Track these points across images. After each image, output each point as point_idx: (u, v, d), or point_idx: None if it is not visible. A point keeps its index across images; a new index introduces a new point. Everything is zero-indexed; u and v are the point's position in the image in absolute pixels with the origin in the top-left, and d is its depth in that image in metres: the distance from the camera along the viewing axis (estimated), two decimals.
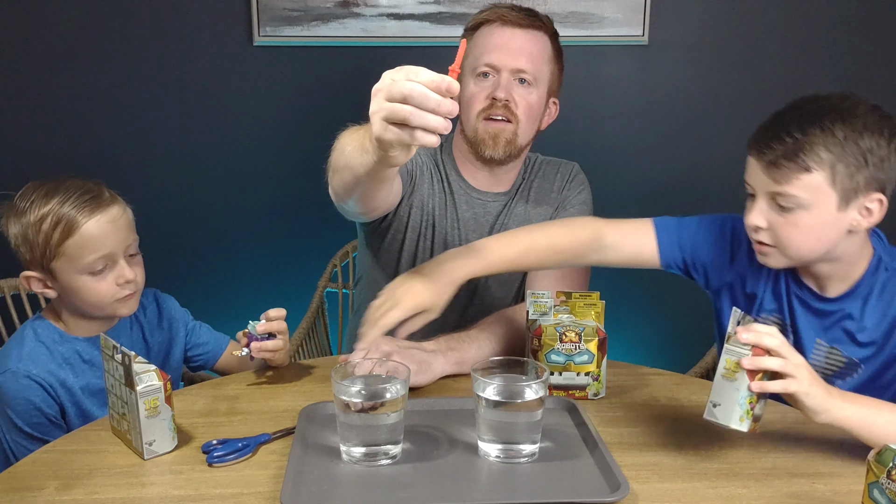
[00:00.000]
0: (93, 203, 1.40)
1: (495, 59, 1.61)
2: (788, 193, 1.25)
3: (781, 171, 1.25)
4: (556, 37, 1.69)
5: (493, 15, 1.63)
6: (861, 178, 1.24)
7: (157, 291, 1.61)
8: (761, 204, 1.29)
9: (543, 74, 1.65)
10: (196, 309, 1.69)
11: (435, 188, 1.72)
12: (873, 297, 1.33)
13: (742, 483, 1.11)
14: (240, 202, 2.61)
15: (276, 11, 2.46)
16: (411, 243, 1.72)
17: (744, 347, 1.11)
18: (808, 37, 2.57)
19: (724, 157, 2.66)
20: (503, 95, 1.60)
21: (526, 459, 1.15)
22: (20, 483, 1.12)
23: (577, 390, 1.36)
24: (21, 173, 1.55)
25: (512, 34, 1.62)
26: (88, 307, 1.43)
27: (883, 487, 0.94)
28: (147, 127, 2.55)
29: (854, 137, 1.23)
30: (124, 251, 1.43)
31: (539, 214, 1.73)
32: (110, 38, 2.48)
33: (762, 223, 1.29)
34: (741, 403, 1.11)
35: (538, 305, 1.42)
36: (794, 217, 1.26)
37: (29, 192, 1.41)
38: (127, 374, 1.16)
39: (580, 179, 1.77)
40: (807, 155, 1.23)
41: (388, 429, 1.14)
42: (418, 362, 1.38)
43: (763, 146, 1.27)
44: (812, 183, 1.24)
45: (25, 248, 1.40)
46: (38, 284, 1.42)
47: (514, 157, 1.68)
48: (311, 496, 1.06)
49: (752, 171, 1.30)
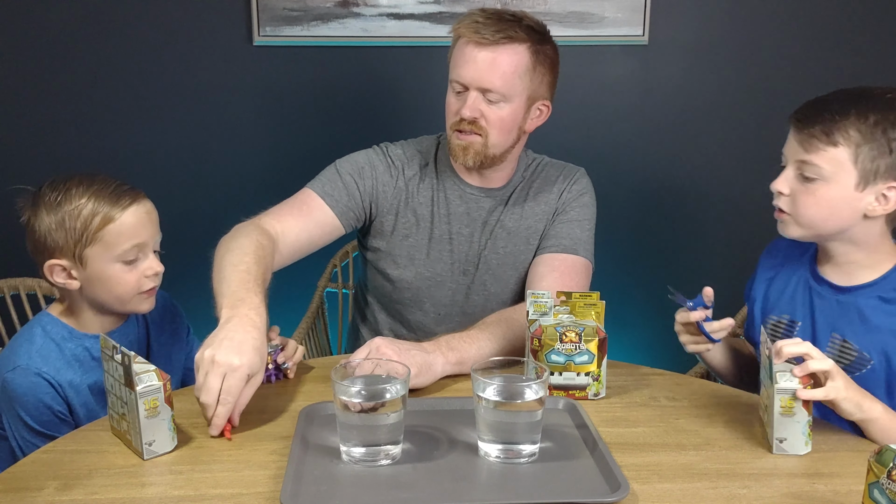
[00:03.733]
0: (130, 194, 1.44)
1: (464, 77, 1.61)
2: (813, 163, 1.32)
3: (812, 142, 1.32)
4: (541, 41, 1.63)
5: (467, 30, 1.60)
6: (883, 163, 1.30)
7: (165, 294, 1.62)
8: (788, 172, 1.37)
9: (516, 88, 1.60)
10: (195, 309, 1.69)
11: (425, 183, 1.74)
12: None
13: (742, 483, 1.11)
14: (239, 202, 2.59)
15: (276, 11, 2.46)
16: (403, 238, 1.73)
17: (792, 381, 1.17)
18: (809, 36, 2.57)
19: (724, 157, 2.67)
20: (469, 115, 1.61)
21: (526, 460, 1.15)
22: (20, 483, 1.12)
23: (577, 390, 1.36)
24: (20, 173, 1.56)
25: (480, 52, 1.58)
26: (112, 299, 1.45)
27: (883, 487, 0.94)
28: (147, 127, 2.54)
29: (885, 126, 1.30)
30: (154, 245, 1.47)
31: (535, 214, 1.73)
32: (110, 38, 2.48)
33: (785, 189, 1.37)
34: (803, 431, 1.18)
35: (538, 305, 1.42)
36: (814, 186, 1.34)
37: (59, 184, 1.43)
38: (126, 374, 1.16)
39: (582, 184, 1.76)
40: (838, 130, 1.31)
41: (388, 429, 1.14)
42: (419, 364, 1.38)
43: (803, 119, 1.35)
44: (836, 157, 1.31)
45: (60, 235, 1.40)
46: (62, 274, 1.43)
47: (491, 164, 1.68)
48: (311, 496, 1.06)
49: (789, 141, 1.38)
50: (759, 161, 2.61)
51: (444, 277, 1.73)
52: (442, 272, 1.73)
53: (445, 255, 1.73)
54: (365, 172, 1.72)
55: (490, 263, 1.73)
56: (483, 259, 1.73)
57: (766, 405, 1.23)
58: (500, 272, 1.73)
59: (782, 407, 1.17)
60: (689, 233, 2.72)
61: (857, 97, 1.34)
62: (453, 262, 1.73)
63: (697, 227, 2.71)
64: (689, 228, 2.71)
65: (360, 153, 1.75)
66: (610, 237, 2.19)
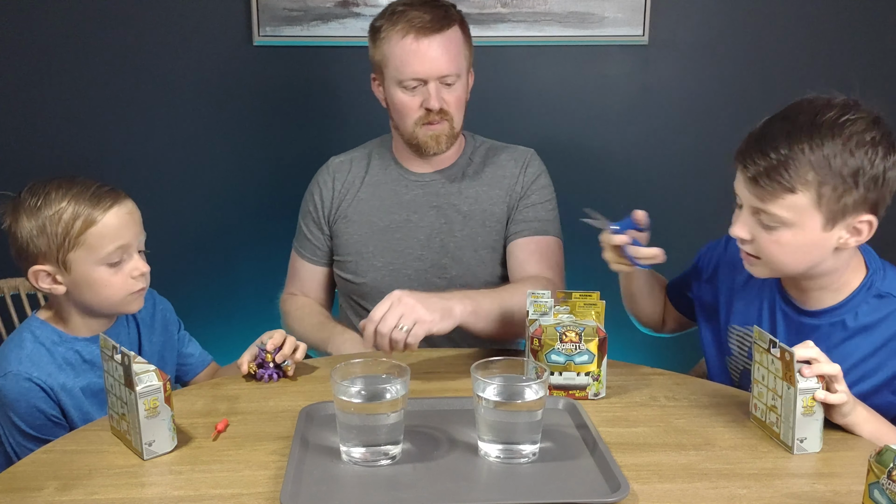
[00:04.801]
0: (111, 195, 1.42)
1: (421, 73, 1.65)
2: (772, 212, 1.23)
3: (766, 189, 1.21)
4: (459, 13, 1.71)
5: (407, 25, 1.64)
6: (850, 199, 1.20)
7: (154, 292, 1.61)
8: (746, 217, 1.27)
9: (462, 65, 1.70)
10: (195, 309, 1.69)
11: (370, 180, 1.80)
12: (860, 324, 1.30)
13: (742, 483, 1.11)
14: (239, 202, 2.61)
15: (276, 11, 2.45)
16: (350, 236, 1.79)
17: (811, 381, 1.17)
18: (809, 36, 2.57)
19: (723, 158, 2.66)
20: (437, 105, 1.67)
21: (526, 460, 1.15)
22: (20, 483, 1.12)
23: (577, 390, 1.36)
24: (19, 173, 1.55)
25: (429, 43, 1.64)
26: (99, 302, 1.43)
27: (883, 488, 0.94)
28: (147, 126, 2.54)
29: (844, 157, 1.18)
30: (138, 245, 1.45)
31: (490, 198, 1.78)
32: (110, 37, 2.48)
33: (746, 236, 1.28)
34: (820, 429, 1.19)
35: (538, 305, 1.42)
36: (777, 234, 1.24)
37: (39, 189, 1.41)
38: (126, 374, 1.16)
39: (536, 166, 1.82)
40: (791, 174, 1.18)
41: (388, 429, 1.14)
42: (441, 309, 1.43)
43: (748, 160, 1.23)
44: (796, 204, 1.21)
45: (42, 240, 1.39)
46: (47, 280, 1.41)
47: (451, 146, 1.76)
48: (311, 496, 1.06)
49: (738, 182, 1.28)
50: None
51: (397, 266, 1.77)
52: (394, 261, 1.77)
53: (396, 244, 1.77)
54: (313, 214, 1.83)
55: (448, 247, 1.77)
56: (440, 243, 1.77)
57: (769, 406, 1.23)
58: (459, 254, 1.77)
59: (804, 407, 1.17)
60: (689, 232, 2.72)
61: (805, 126, 1.19)
62: (404, 249, 1.77)
63: (697, 226, 2.71)
64: (689, 228, 2.71)
65: (306, 192, 1.86)
66: None
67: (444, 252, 1.77)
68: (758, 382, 1.26)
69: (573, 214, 2.79)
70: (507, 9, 2.47)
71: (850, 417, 1.22)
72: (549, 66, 2.56)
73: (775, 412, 1.21)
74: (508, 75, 2.55)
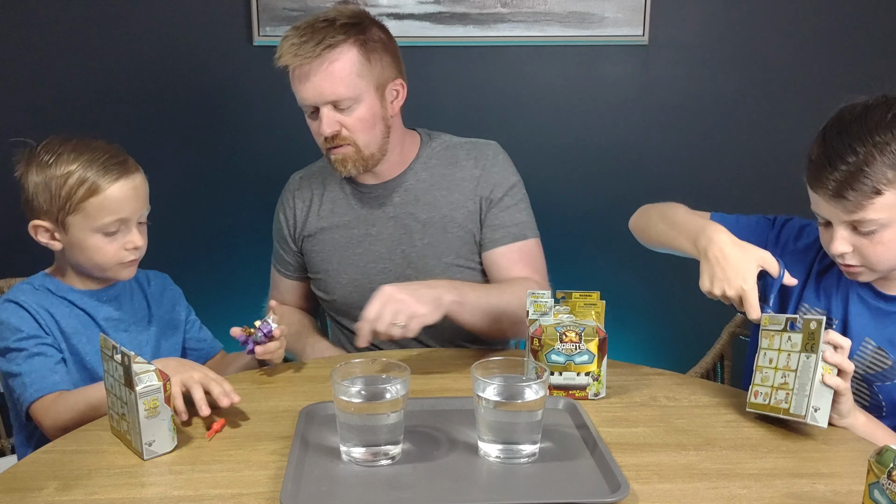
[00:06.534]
0: (120, 168, 1.44)
1: (308, 100, 1.61)
2: (866, 219, 1.26)
3: (852, 200, 1.25)
4: (362, 30, 1.61)
5: (288, 55, 1.58)
6: None
7: (167, 277, 1.66)
8: (842, 232, 1.29)
9: (360, 87, 1.61)
10: (197, 305, 1.70)
11: (326, 197, 1.78)
12: None
13: (742, 483, 1.11)
14: (239, 201, 2.61)
15: (276, 11, 2.45)
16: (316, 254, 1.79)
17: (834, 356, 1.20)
18: (809, 36, 2.57)
19: (724, 157, 2.67)
20: (329, 131, 1.61)
21: (526, 460, 1.15)
22: (20, 483, 1.12)
23: (577, 390, 1.36)
24: None
25: (309, 70, 1.58)
26: (91, 266, 1.47)
27: (883, 488, 0.94)
28: (146, 126, 2.54)
29: None
30: (138, 218, 1.48)
31: (450, 203, 1.72)
32: (110, 37, 2.48)
33: (848, 248, 1.30)
34: (829, 407, 1.21)
35: (538, 305, 1.42)
36: (878, 236, 1.27)
37: (55, 145, 1.44)
38: (126, 374, 1.16)
39: (500, 163, 1.74)
40: (871, 178, 1.23)
41: (388, 429, 1.14)
42: (430, 299, 1.44)
43: (823, 179, 1.26)
44: (886, 202, 1.25)
45: (45, 198, 1.42)
46: (45, 235, 1.46)
47: (377, 162, 1.69)
48: (311, 496, 1.06)
49: (819, 204, 1.30)
50: (759, 161, 2.62)
51: (361, 281, 1.73)
52: (358, 277, 1.74)
53: (358, 259, 1.75)
54: (283, 234, 1.83)
55: (410, 257, 1.73)
56: (402, 253, 1.73)
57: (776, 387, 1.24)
58: (421, 264, 1.73)
59: (824, 374, 1.19)
60: None
61: (862, 131, 1.25)
62: (366, 263, 1.74)
63: None
64: None
65: (275, 212, 1.86)
66: (609, 237, 2.19)
67: (406, 263, 1.73)
68: (761, 369, 1.27)
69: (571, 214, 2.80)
70: (507, 9, 2.47)
71: (847, 419, 1.24)
72: (549, 66, 2.56)
73: (785, 388, 1.22)
74: (508, 75, 2.55)
